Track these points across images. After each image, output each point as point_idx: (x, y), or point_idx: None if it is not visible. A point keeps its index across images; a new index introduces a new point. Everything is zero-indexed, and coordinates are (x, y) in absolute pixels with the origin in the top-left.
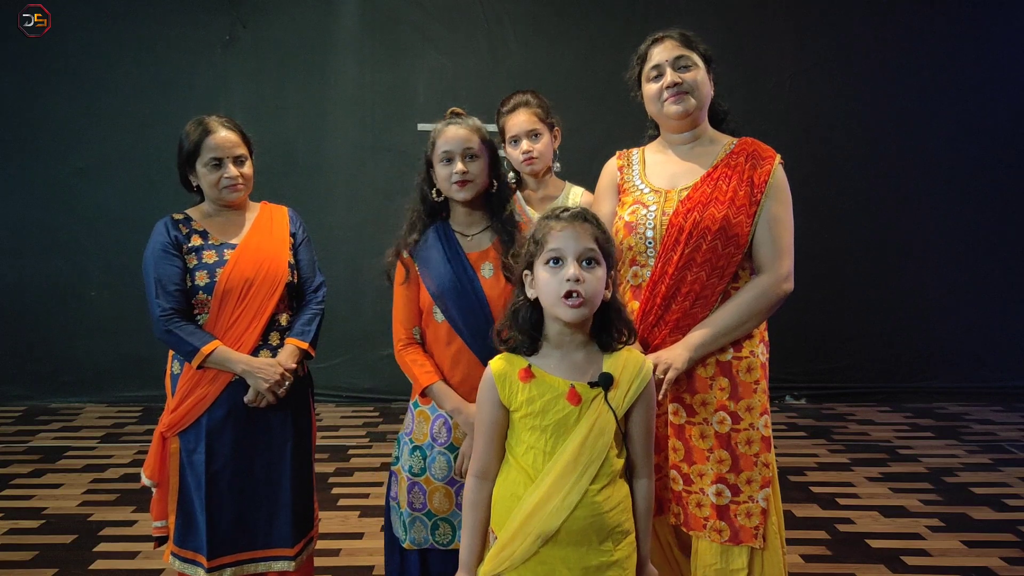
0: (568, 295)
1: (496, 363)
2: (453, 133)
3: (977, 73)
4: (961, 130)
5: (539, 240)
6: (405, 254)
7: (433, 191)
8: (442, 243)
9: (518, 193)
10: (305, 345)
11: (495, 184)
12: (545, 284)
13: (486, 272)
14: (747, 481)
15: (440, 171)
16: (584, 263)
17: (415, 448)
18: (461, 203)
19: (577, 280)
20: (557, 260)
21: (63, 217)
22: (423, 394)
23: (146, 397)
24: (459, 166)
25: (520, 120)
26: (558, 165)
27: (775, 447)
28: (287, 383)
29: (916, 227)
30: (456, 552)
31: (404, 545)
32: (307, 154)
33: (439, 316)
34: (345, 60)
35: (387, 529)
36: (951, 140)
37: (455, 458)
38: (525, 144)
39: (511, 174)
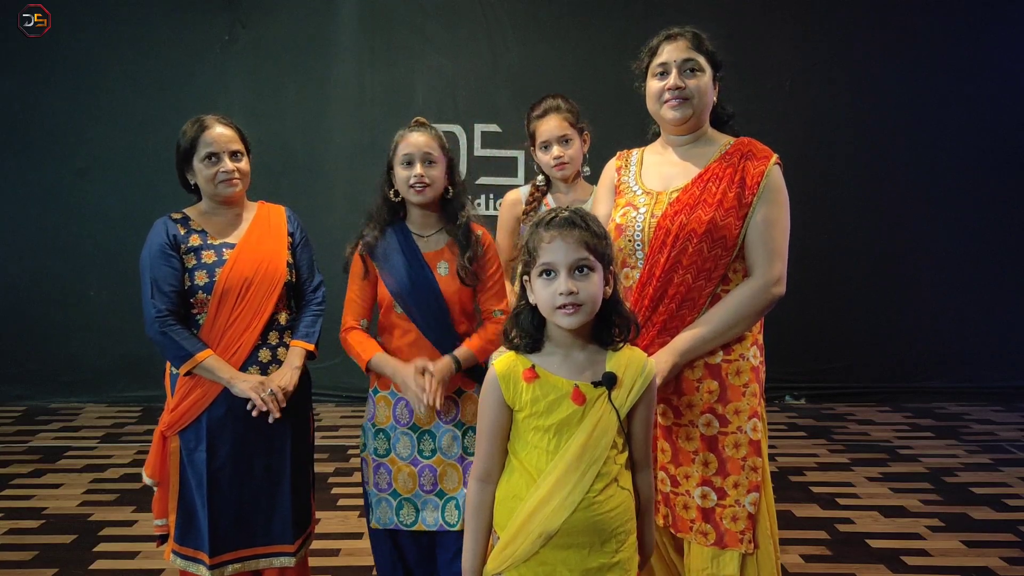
0: (563, 305)
1: (500, 364)
2: (415, 139)
3: (978, 74)
4: (962, 131)
5: (532, 251)
6: (364, 252)
7: (392, 191)
8: (401, 245)
9: (548, 196)
10: (311, 347)
11: (450, 191)
12: (541, 295)
13: (442, 270)
14: (733, 485)
15: (400, 173)
16: (576, 271)
17: (379, 431)
18: (417, 205)
19: (570, 292)
20: (550, 272)
21: (63, 217)
22: (368, 369)
23: (146, 397)
24: (418, 170)
25: (551, 126)
26: (587, 169)
27: (773, 447)
28: (283, 394)
29: (916, 227)
30: (421, 534)
31: (371, 525)
32: (306, 154)
33: (399, 309)
34: (344, 60)
35: (367, 515)
36: (952, 140)
37: (418, 438)
38: (556, 150)
39: (540, 177)
